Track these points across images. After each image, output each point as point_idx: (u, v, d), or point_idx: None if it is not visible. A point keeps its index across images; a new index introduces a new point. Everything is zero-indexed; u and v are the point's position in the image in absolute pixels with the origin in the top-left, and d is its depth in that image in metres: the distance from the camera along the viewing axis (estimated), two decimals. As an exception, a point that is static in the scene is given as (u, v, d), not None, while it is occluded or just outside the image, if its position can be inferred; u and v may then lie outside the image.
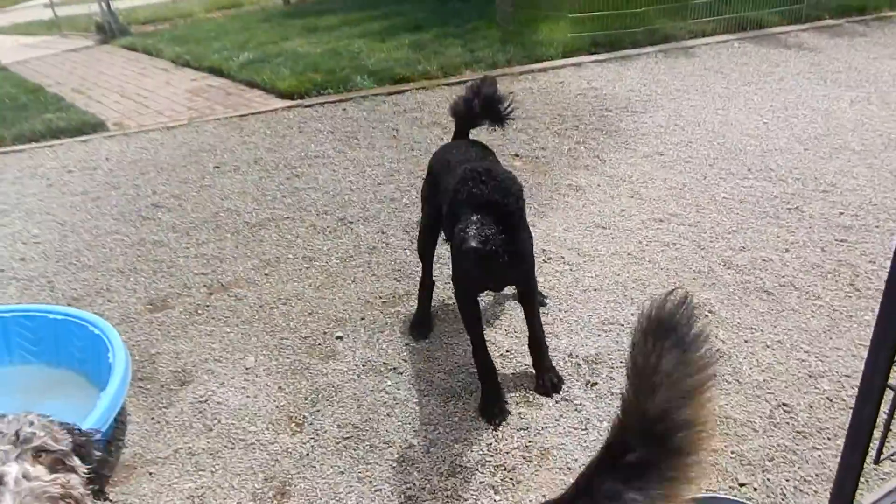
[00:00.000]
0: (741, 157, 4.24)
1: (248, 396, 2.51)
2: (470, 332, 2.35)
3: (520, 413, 2.34)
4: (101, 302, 3.14)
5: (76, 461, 1.25)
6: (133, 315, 3.04)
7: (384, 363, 2.63)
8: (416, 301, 2.84)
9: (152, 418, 2.43)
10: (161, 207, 4.04)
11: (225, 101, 6.17)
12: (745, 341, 2.60)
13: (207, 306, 3.07)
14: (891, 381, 1.53)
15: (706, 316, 2.76)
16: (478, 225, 1.95)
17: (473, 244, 1.91)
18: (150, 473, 2.20)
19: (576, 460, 2.13)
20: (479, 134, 4.86)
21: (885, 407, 1.58)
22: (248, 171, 4.46)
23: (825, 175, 3.92)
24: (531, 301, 2.40)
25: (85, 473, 1.25)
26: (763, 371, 2.45)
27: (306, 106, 5.72)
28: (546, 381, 2.42)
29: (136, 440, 2.34)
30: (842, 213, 3.50)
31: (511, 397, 2.41)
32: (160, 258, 3.49)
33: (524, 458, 2.16)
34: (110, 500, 1.56)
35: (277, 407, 2.45)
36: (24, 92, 6.81)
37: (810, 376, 2.41)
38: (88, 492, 1.23)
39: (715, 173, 4.03)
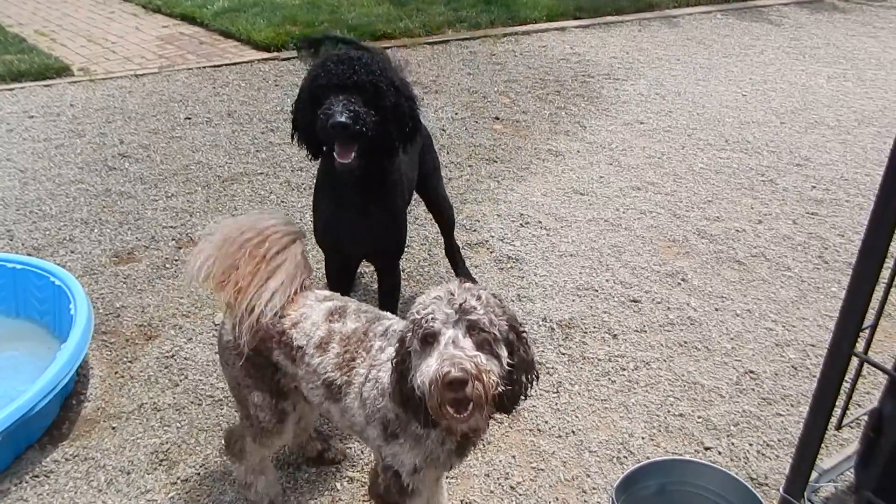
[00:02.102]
0: (719, 128, 4.21)
1: (215, 353, 2.42)
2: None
3: (492, 375, 2.31)
4: (64, 253, 3.00)
5: (503, 350, 1.22)
6: (97, 267, 2.91)
7: (357, 322, 2.57)
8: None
9: (116, 373, 2.34)
10: (128, 157, 3.85)
11: (197, 50, 5.88)
12: (716, 309, 2.61)
13: (176, 260, 2.95)
14: (855, 350, 1.53)
15: (679, 284, 2.76)
16: None
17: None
18: (113, 428, 2.12)
19: (546, 422, 2.12)
20: (461, 95, 4.73)
21: (849, 375, 1.59)
22: (220, 124, 4.28)
23: (800, 149, 3.93)
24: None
25: (508, 365, 1.23)
26: (732, 339, 2.46)
27: (283, 59, 5.49)
28: None
29: (99, 394, 2.25)
30: (814, 187, 3.51)
31: (484, 359, 2.38)
32: (127, 210, 3.33)
33: (494, 419, 2.14)
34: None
35: (247, 364, 2.38)
36: (-17, 32, 6.39)
37: (777, 345, 2.43)
38: (501, 386, 1.20)
39: (693, 143, 4.00)
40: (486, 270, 2.86)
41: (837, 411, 1.70)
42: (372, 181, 1.97)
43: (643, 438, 2.05)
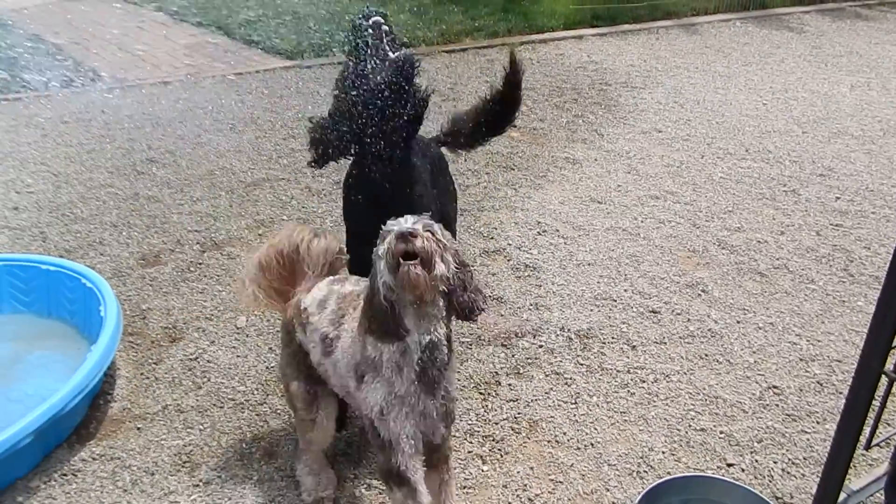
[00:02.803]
0: (739, 137, 4.12)
1: (238, 356, 2.42)
2: None
3: (510, 385, 2.27)
4: (94, 255, 3.02)
5: (449, 258, 1.37)
6: (125, 269, 2.92)
7: (376, 329, 2.54)
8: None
9: (142, 374, 2.34)
10: (156, 162, 3.88)
11: (223, 58, 5.92)
12: (738, 322, 2.53)
13: (200, 264, 2.95)
14: (886, 368, 1.46)
15: (699, 295, 2.69)
16: None
17: None
18: (139, 428, 2.11)
19: (564, 433, 2.07)
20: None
21: (877, 392, 1.52)
22: (244, 130, 4.29)
23: (823, 159, 3.82)
24: None
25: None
26: (754, 353, 2.38)
27: (305, 67, 5.50)
28: None
29: (125, 395, 2.25)
30: (838, 198, 3.41)
31: (501, 369, 2.34)
32: (154, 213, 3.35)
33: (513, 429, 2.10)
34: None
35: (267, 368, 2.36)
36: (21, 40, 6.51)
37: (801, 360, 2.35)
38: (447, 269, 1.36)
39: (713, 152, 3.91)
40: (504, 278, 2.81)
41: (866, 430, 1.63)
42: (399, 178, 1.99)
43: (663, 453, 1.99)
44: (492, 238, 3.08)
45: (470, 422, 2.12)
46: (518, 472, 1.94)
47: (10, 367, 2.41)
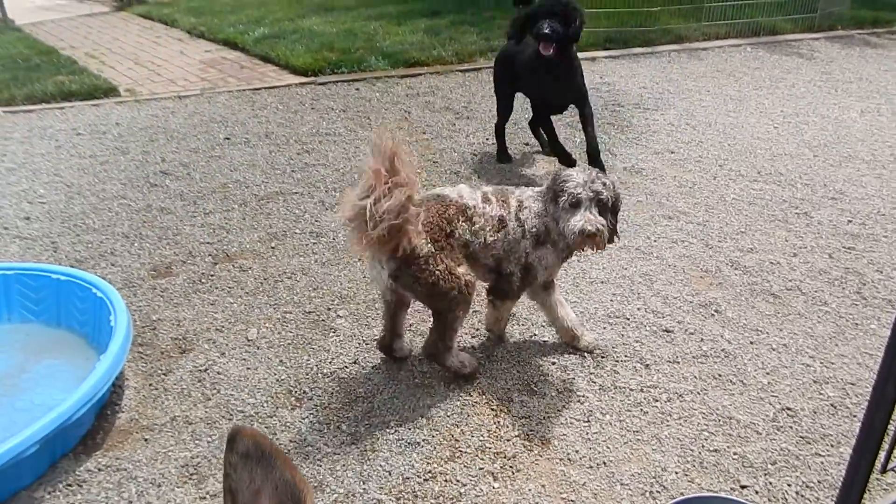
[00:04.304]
0: (751, 159, 4.15)
1: (248, 368, 2.43)
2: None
3: (522, 401, 2.26)
4: (105, 265, 3.05)
5: (609, 216, 2.20)
6: (136, 280, 2.95)
7: (387, 343, 2.55)
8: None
9: (150, 384, 2.35)
10: (169, 175, 3.93)
11: (238, 73, 6.03)
12: (751, 343, 2.53)
13: (212, 276, 2.98)
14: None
15: (713, 315, 2.68)
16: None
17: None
18: (146, 440, 2.12)
19: (577, 451, 2.06)
20: (493, 121, 4.77)
21: (895, 417, 1.51)
22: (258, 145, 4.35)
23: (834, 182, 3.84)
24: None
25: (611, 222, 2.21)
26: (768, 374, 2.38)
27: (319, 84, 5.59)
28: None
29: (133, 405, 2.26)
30: (850, 221, 3.41)
31: (514, 386, 2.33)
32: (166, 225, 3.39)
33: (524, 446, 2.09)
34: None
35: (278, 380, 2.37)
36: (37, 53, 6.65)
37: (815, 382, 2.34)
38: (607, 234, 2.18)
39: (725, 174, 3.94)
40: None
41: (882, 454, 1.62)
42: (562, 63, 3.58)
43: (676, 473, 1.98)
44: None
45: (481, 438, 2.11)
46: (529, 490, 1.93)
47: (18, 377, 2.43)
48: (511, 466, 2.01)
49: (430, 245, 2.11)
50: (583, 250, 2.25)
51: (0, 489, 1.87)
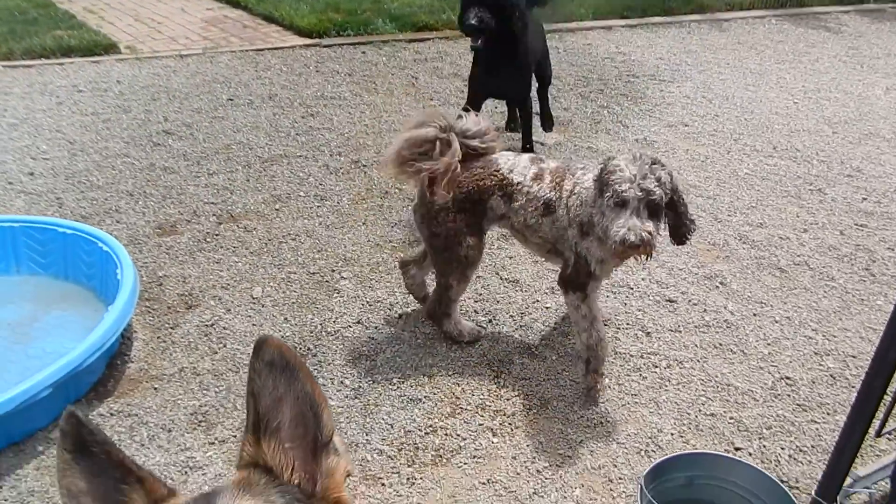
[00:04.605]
0: (767, 134, 4.22)
1: (253, 325, 2.56)
2: None
3: (522, 363, 2.39)
4: (110, 222, 3.17)
5: (662, 214, 1.95)
6: (141, 237, 3.07)
7: (390, 304, 2.67)
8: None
9: (158, 337, 2.49)
10: (172, 135, 4.03)
11: (241, 33, 6.08)
12: (754, 314, 2.64)
13: (216, 235, 3.10)
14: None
15: (717, 287, 2.80)
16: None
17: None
18: (155, 388, 2.26)
19: (575, 412, 2.19)
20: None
21: (893, 384, 1.63)
22: (261, 106, 4.44)
23: (852, 160, 3.91)
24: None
25: (670, 217, 2.02)
26: (769, 345, 2.49)
27: (324, 46, 5.64)
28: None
29: (142, 356, 2.40)
30: (865, 199, 3.50)
31: (515, 349, 2.46)
32: (170, 184, 3.50)
33: (524, 405, 2.22)
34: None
35: (283, 337, 2.50)
36: (34, 6, 6.70)
37: (816, 353, 2.46)
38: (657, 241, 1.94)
39: (739, 148, 4.01)
40: (521, 262, 2.94)
41: (877, 420, 1.74)
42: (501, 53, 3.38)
43: (672, 434, 2.11)
44: (509, 222, 3.20)
45: (481, 396, 2.25)
46: (527, 446, 2.07)
47: (29, 326, 2.57)
48: (510, 423, 2.15)
49: (449, 201, 2.21)
50: (626, 259, 2.07)
51: (17, 429, 2.03)
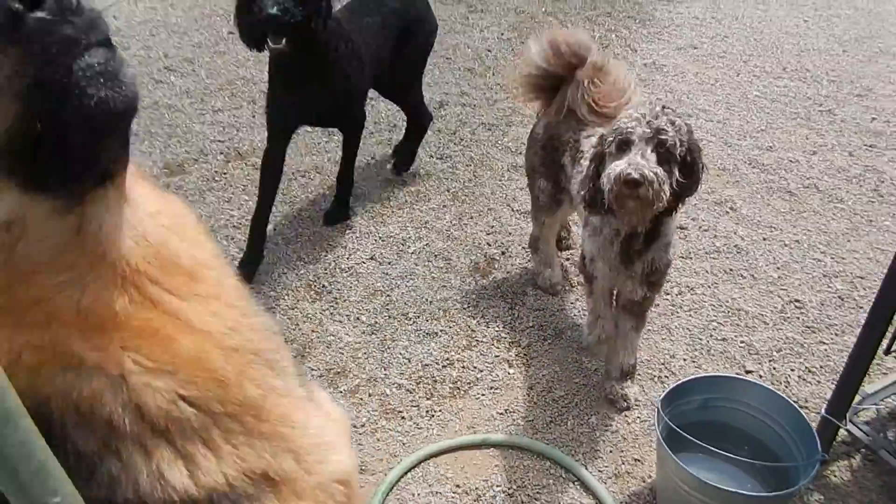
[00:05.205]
0: (777, 55, 3.99)
1: (267, 262, 2.50)
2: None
3: (536, 295, 2.34)
4: (118, 164, 3.06)
5: (676, 169, 1.50)
6: (149, 178, 2.96)
7: (403, 239, 2.60)
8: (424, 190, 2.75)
9: (175, 278, 2.44)
10: (174, 71, 3.84)
11: (235, -37, 5.70)
12: (764, 239, 2.56)
13: (225, 174, 2.99)
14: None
15: (727, 213, 2.70)
16: None
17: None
18: (176, 328, 2.23)
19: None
20: (508, 15, 4.54)
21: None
22: (262, 40, 4.20)
23: (862, 79, 3.71)
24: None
25: (678, 180, 1.51)
26: (779, 269, 2.43)
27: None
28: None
29: (161, 297, 2.35)
30: (874, 119, 3.34)
31: (528, 281, 2.40)
32: (175, 123, 3.36)
33: (539, 336, 2.19)
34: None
35: (297, 275, 2.45)
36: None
37: (824, 276, 2.40)
38: (667, 195, 1.48)
39: (749, 70, 3.81)
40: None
41: (886, 339, 1.70)
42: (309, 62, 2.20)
43: (684, 360, 2.08)
44: (519, 153, 3.07)
45: (497, 329, 2.21)
46: (543, 375, 2.05)
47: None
48: (525, 354, 2.12)
49: (541, 132, 2.10)
50: (624, 216, 1.56)
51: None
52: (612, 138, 1.53)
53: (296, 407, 0.80)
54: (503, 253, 2.53)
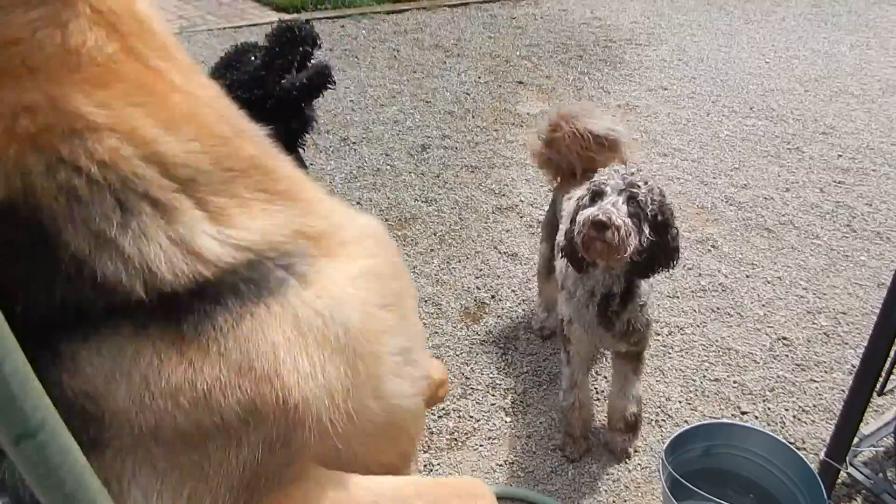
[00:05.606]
0: (743, 94, 4.09)
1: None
2: None
3: (528, 338, 2.28)
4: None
5: (646, 227, 1.46)
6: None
7: (393, 285, 2.53)
8: (423, 229, 2.70)
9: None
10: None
11: (216, 10, 5.69)
12: (747, 276, 2.56)
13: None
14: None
15: (709, 251, 2.70)
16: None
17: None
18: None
19: (584, 385, 2.09)
20: (484, 59, 4.58)
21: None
22: (244, 86, 4.16)
23: (825, 117, 3.81)
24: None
25: (647, 240, 1.47)
26: (763, 306, 2.42)
27: (303, 21, 5.31)
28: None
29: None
30: (840, 156, 3.41)
31: (520, 324, 2.35)
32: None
33: (534, 381, 2.12)
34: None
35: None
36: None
37: (808, 312, 2.39)
38: (634, 249, 1.44)
39: (718, 110, 3.88)
40: (517, 234, 2.80)
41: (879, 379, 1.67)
42: None
43: (680, 402, 2.03)
44: (503, 195, 3.05)
45: (491, 375, 2.14)
46: (541, 423, 1.98)
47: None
48: (522, 401, 2.05)
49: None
50: (595, 262, 1.52)
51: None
52: (587, 190, 1.55)
53: (304, 179, 0.77)
54: (493, 297, 2.48)
